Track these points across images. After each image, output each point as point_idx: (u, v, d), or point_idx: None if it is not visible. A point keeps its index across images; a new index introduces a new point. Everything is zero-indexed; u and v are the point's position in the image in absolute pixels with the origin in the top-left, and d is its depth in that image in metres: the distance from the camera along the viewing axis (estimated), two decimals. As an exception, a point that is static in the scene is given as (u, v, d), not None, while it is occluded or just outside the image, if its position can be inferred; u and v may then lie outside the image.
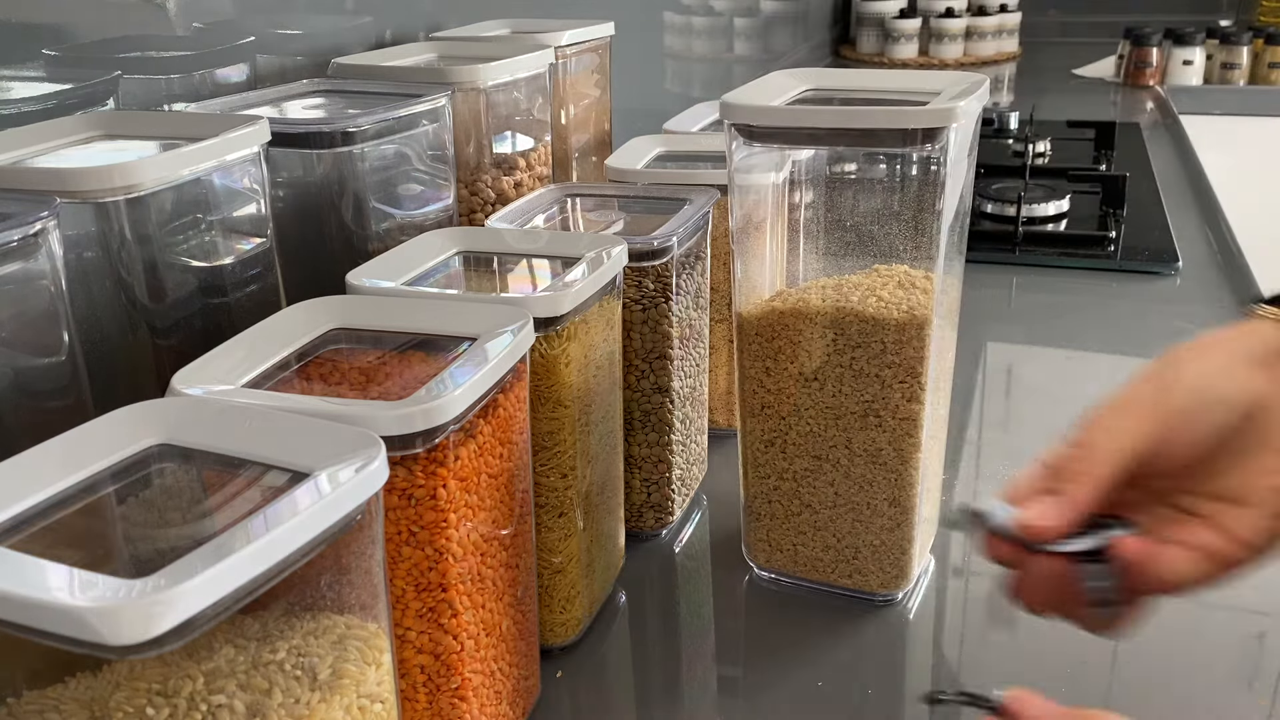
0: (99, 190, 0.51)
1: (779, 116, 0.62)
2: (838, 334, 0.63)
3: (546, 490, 0.61)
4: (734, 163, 0.65)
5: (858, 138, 0.61)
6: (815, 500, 0.67)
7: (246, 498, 0.40)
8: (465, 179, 0.82)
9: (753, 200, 0.67)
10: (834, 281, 0.66)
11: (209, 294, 0.59)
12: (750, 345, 0.66)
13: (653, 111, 1.09)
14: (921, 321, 0.61)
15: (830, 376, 0.64)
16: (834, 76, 0.71)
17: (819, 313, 0.63)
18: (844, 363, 0.63)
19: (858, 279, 0.65)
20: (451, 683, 0.50)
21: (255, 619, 0.39)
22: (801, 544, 0.69)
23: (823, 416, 0.65)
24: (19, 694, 0.36)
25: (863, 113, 0.62)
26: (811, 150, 0.66)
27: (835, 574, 0.68)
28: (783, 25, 2.36)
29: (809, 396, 0.65)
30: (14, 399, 0.48)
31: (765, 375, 0.66)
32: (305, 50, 0.86)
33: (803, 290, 0.66)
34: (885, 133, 0.60)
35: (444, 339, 0.53)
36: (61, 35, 0.66)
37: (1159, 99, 2.33)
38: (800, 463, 0.67)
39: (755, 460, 0.68)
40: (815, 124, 0.61)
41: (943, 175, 0.60)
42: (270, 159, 0.61)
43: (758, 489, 0.69)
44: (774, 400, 0.66)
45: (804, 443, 0.66)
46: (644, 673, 0.64)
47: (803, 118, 0.62)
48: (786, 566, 0.70)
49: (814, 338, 0.63)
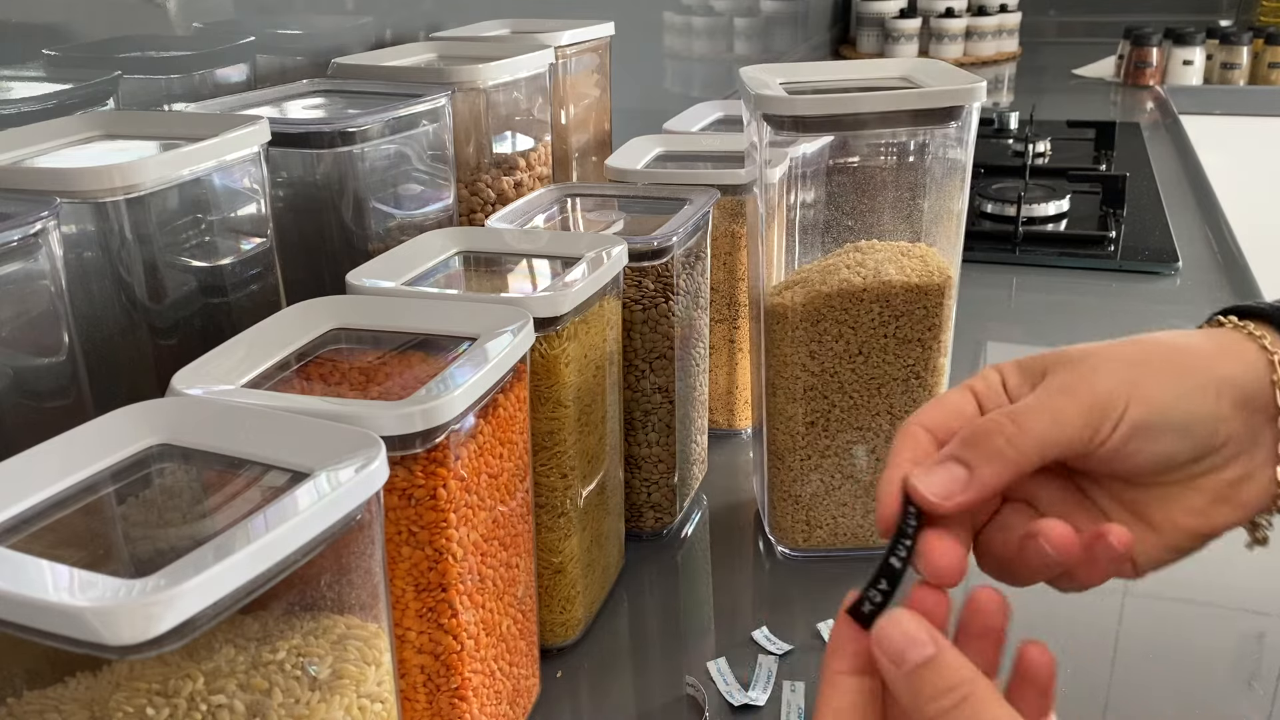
0: (99, 190, 0.51)
1: (825, 105, 0.64)
2: (883, 306, 0.66)
3: (546, 490, 0.61)
4: (761, 156, 0.66)
5: (903, 119, 0.65)
6: (856, 470, 0.70)
7: (246, 498, 0.40)
8: (465, 179, 0.82)
9: (772, 194, 0.68)
10: (836, 261, 0.67)
11: (209, 294, 0.59)
12: (793, 332, 0.67)
13: (653, 111, 1.09)
14: (946, 284, 0.66)
15: (875, 348, 0.67)
16: (801, 70, 0.73)
17: (863, 289, 0.66)
18: (889, 332, 0.66)
19: (865, 254, 0.67)
20: (451, 683, 0.50)
21: (255, 619, 0.39)
22: (842, 516, 0.71)
23: (866, 388, 0.68)
24: (19, 694, 0.36)
25: (905, 96, 0.65)
26: (827, 138, 0.68)
27: (877, 536, 0.70)
28: (783, 25, 2.36)
29: (853, 371, 0.68)
30: (14, 399, 0.48)
31: (810, 359, 0.68)
32: (305, 50, 0.86)
33: (822, 271, 0.67)
34: (928, 112, 0.64)
35: (444, 339, 0.53)
36: (61, 35, 0.66)
37: (1159, 99, 2.33)
38: (843, 436, 0.69)
39: (793, 445, 0.70)
40: (862, 109, 0.64)
41: (968, 143, 0.65)
42: (270, 159, 0.61)
43: (797, 472, 0.71)
44: (818, 381, 0.68)
45: (847, 417, 0.69)
46: (644, 673, 0.64)
47: (849, 104, 0.65)
48: (826, 542, 0.72)
49: (861, 314, 0.66)
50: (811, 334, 0.67)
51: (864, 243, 0.69)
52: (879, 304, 0.66)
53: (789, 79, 0.69)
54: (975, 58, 2.70)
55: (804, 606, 0.68)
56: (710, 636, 0.67)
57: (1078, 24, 3.10)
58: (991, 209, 1.40)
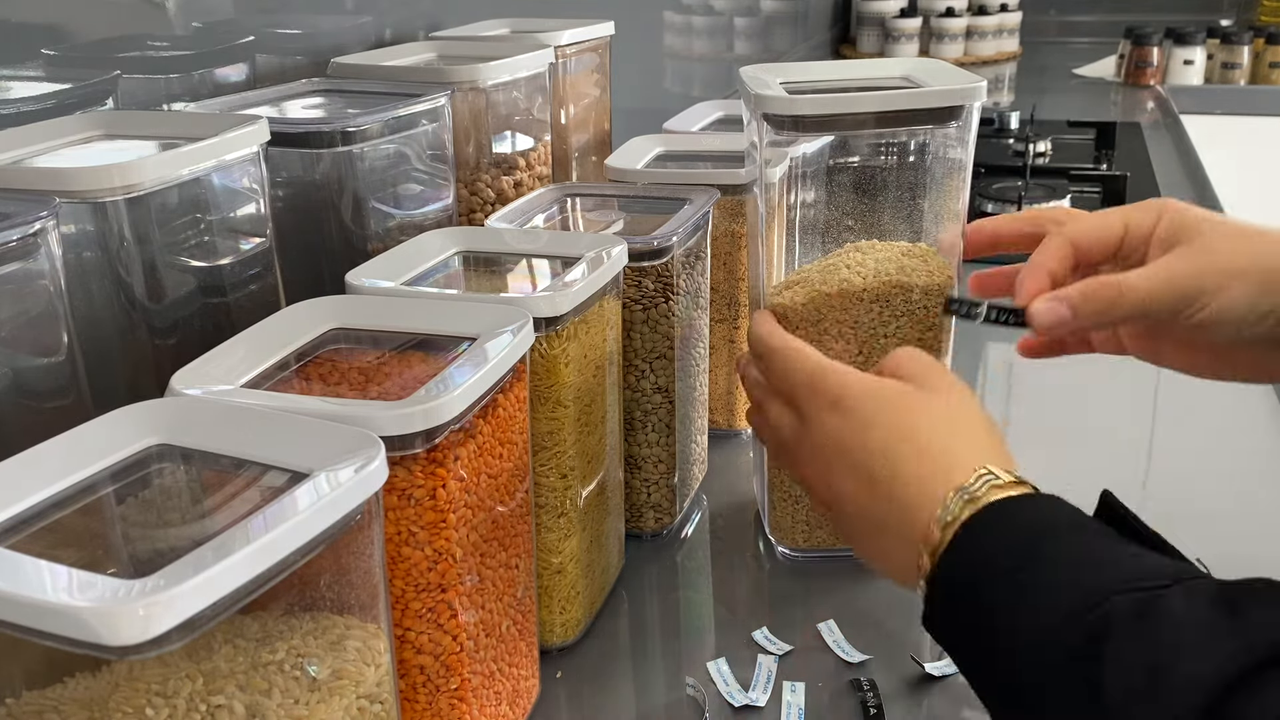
0: (98, 190, 0.51)
1: (825, 105, 0.64)
2: (883, 306, 0.65)
3: (546, 490, 0.61)
4: (761, 156, 0.66)
5: (905, 118, 0.65)
6: None
7: (246, 498, 0.40)
8: (465, 179, 0.82)
9: (773, 194, 0.68)
10: (836, 261, 0.67)
11: (208, 294, 0.59)
12: (793, 332, 0.66)
13: (653, 111, 1.09)
14: (946, 284, 0.66)
15: (876, 349, 0.66)
16: (801, 70, 0.72)
17: (864, 289, 0.65)
18: (888, 333, 0.66)
19: (865, 254, 0.67)
20: (451, 683, 0.50)
21: (255, 619, 0.39)
22: None
23: None
24: (18, 694, 0.36)
25: (907, 95, 0.64)
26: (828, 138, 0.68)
27: None
28: (783, 25, 2.36)
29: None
30: (14, 399, 0.48)
31: None
32: (305, 50, 0.86)
33: (823, 271, 0.67)
34: (929, 112, 0.64)
35: (444, 339, 0.53)
36: (61, 35, 0.66)
37: (1159, 99, 2.33)
38: None
39: None
40: (863, 109, 0.64)
41: (969, 142, 0.65)
42: (270, 159, 0.60)
43: None
44: None
45: None
46: (644, 673, 0.64)
47: (851, 104, 0.64)
48: (826, 542, 0.72)
49: (861, 313, 0.66)
50: (812, 334, 0.66)
51: (864, 243, 0.69)
52: (879, 304, 0.66)
53: (789, 79, 0.69)
54: (975, 57, 2.70)
55: (804, 606, 0.68)
56: (710, 636, 0.67)
57: (1078, 23, 3.10)
58: (992, 209, 1.40)
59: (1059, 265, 0.55)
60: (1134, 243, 0.55)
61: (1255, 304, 0.51)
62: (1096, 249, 0.56)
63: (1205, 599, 0.38)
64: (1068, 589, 0.40)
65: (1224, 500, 0.79)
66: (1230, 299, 0.51)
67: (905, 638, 0.65)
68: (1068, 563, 0.41)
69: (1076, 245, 0.56)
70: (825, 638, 0.65)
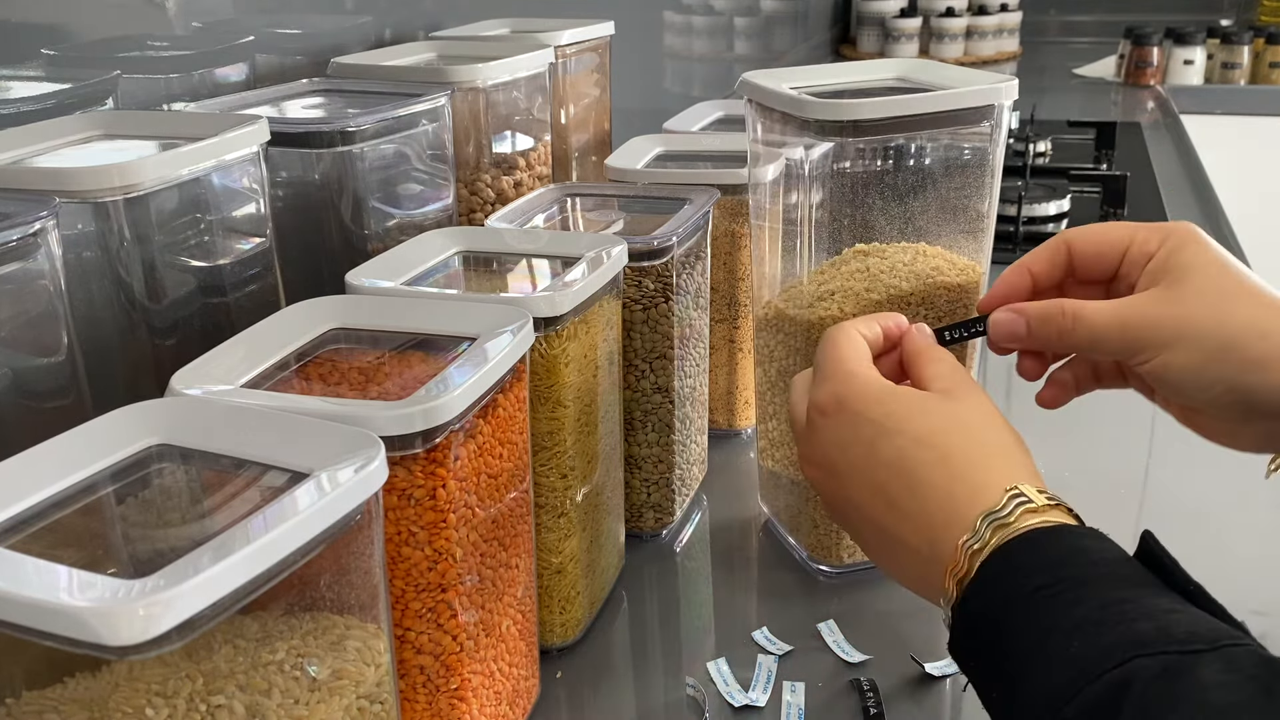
0: (98, 190, 0.51)
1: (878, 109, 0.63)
2: (929, 309, 0.66)
3: (546, 490, 0.61)
4: (808, 160, 0.65)
5: (944, 120, 0.66)
6: None
7: (246, 498, 0.40)
8: (465, 179, 0.82)
9: (792, 197, 0.68)
10: (854, 266, 0.66)
11: (208, 294, 0.59)
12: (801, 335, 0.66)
13: (653, 111, 1.09)
14: (979, 280, 0.67)
15: None
16: (804, 74, 0.72)
17: (911, 294, 0.65)
18: None
19: (891, 260, 0.66)
20: (451, 683, 0.50)
21: (254, 619, 0.39)
22: None
23: None
24: (18, 694, 0.36)
25: (944, 97, 0.65)
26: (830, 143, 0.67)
27: None
28: (783, 25, 2.36)
29: None
30: (13, 399, 0.48)
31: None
32: (305, 50, 0.86)
33: (849, 279, 0.66)
34: (966, 112, 0.65)
35: (444, 339, 0.53)
36: (61, 35, 0.66)
37: (1159, 98, 2.33)
38: None
39: None
40: (904, 112, 0.64)
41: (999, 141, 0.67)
42: (269, 158, 0.60)
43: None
44: None
45: None
46: (644, 673, 0.64)
47: (893, 107, 0.64)
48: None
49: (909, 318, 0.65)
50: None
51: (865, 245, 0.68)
52: (924, 306, 0.65)
53: (798, 84, 0.69)
54: (976, 57, 2.70)
55: (804, 607, 0.68)
56: (710, 637, 0.67)
57: (1078, 23, 3.10)
58: (992, 209, 1.40)
59: (1044, 266, 0.53)
60: (1136, 260, 0.51)
61: (1200, 372, 0.47)
62: (1094, 259, 0.52)
63: (1242, 675, 0.35)
64: (1089, 643, 0.37)
65: (1224, 500, 0.79)
66: (1174, 360, 0.47)
67: (905, 638, 0.65)
68: (1093, 612, 0.38)
69: (1072, 248, 0.53)
70: (825, 638, 0.65)
